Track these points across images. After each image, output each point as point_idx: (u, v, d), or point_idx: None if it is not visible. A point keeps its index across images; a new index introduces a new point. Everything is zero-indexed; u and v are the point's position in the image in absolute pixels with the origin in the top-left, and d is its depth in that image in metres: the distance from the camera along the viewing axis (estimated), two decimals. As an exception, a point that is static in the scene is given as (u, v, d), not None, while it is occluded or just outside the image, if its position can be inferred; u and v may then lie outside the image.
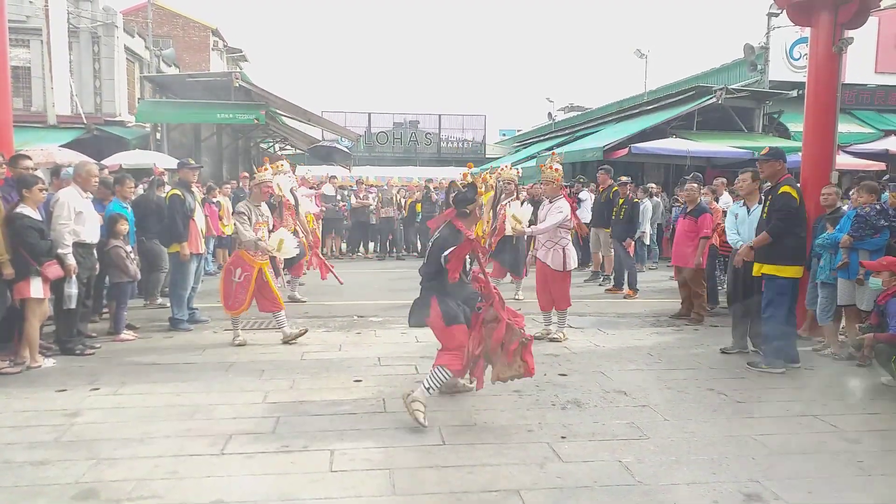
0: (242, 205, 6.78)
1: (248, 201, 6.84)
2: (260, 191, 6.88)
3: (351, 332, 7.26)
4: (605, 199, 10.66)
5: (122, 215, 7.06)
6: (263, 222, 6.78)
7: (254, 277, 6.52)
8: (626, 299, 9.64)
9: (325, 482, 3.59)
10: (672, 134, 17.62)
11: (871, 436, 4.35)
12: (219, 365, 5.90)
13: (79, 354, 6.14)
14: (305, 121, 21.96)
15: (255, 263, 6.55)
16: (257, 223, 6.67)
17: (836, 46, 7.33)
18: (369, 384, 5.35)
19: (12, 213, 5.65)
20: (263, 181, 6.88)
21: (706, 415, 4.71)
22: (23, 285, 5.64)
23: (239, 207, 6.80)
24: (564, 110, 37.52)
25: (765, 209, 5.96)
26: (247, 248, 6.52)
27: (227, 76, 18.83)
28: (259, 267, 6.57)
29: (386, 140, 33.09)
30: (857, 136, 17.55)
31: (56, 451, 3.96)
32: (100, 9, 18.97)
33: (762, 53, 18.67)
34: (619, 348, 6.63)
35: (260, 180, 6.89)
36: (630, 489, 3.53)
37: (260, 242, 6.50)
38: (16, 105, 14.00)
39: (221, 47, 32.97)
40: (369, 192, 16.03)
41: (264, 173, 6.97)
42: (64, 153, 13.66)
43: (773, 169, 6.01)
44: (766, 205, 5.96)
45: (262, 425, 4.40)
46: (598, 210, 11.01)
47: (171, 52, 24.66)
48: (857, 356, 5.97)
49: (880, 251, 6.10)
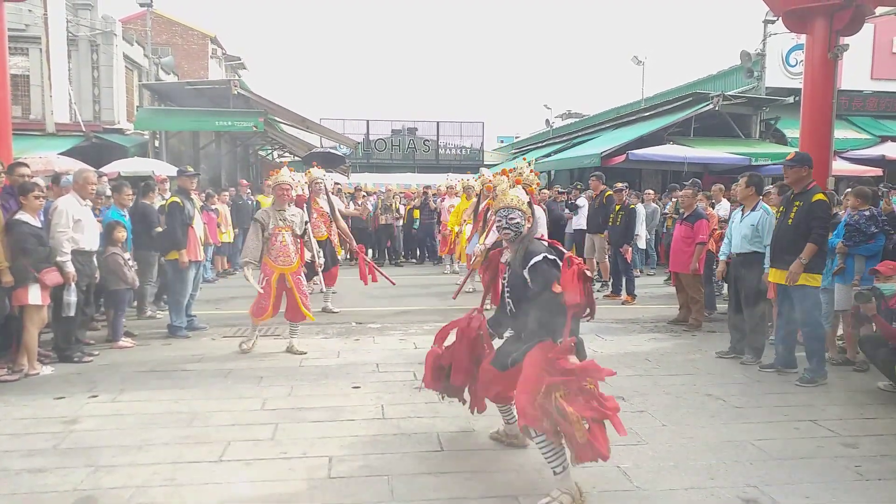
0: (261, 212, 6.62)
1: (270, 207, 6.65)
2: (283, 193, 6.61)
3: (349, 338, 7.26)
4: (599, 205, 10.68)
5: (119, 222, 7.08)
6: (286, 227, 6.53)
7: (273, 282, 6.38)
8: (623, 305, 9.66)
9: (323, 488, 3.58)
10: (669, 140, 17.70)
11: (869, 441, 4.35)
12: (217, 372, 5.90)
13: (77, 362, 6.14)
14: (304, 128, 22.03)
15: (276, 269, 6.42)
16: (276, 227, 6.46)
17: (831, 53, 7.39)
18: (368, 391, 5.35)
19: (11, 219, 5.66)
20: (279, 183, 6.63)
21: (704, 420, 4.72)
22: (21, 292, 5.64)
23: (256, 215, 6.65)
24: (562, 117, 37.63)
25: (791, 216, 5.71)
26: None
27: (226, 84, 18.92)
28: (280, 273, 6.42)
29: (384, 147, 33.13)
30: (853, 142, 17.66)
31: (54, 458, 3.95)
32: (99, 17, 19.05)
33: (759, 60, 18.78)
34: (617, 354, 6.63)
35: (275, 183, 6.68)
36: (628, 494, 3.54)
37: (248, 264, 6.34)
38: (15, 113, 14.03)
39: (220, 55, 33.06)
40: (368, 199, 16.07)
41: (280, 175, 6.74)
42: (63, 161, 13.68)
43: (798, 175, 5.76)
44: (793, 212, 5.70)
45: (260, 432, 4.40)
46: (592, 216, 11.01)
47: (170, 59, 24.70)
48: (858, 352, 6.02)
49: (877, 256, 6.13)
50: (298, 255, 6.65)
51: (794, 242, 5.61)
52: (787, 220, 5.75)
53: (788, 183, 5.95)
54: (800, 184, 5.77)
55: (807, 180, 5.76)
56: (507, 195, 3.86)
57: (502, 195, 3.90)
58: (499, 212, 3.83)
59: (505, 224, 3.78)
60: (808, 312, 5.68)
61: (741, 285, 6.44)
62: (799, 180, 5.77)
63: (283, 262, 6.48)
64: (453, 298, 4.09)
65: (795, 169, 5.76)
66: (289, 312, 6.62)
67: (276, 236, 6.48)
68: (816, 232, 5.53)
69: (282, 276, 6.46)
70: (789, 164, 5.83)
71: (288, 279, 6.47)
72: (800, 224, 5.60)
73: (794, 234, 5.62)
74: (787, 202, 5.86)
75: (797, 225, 5.62)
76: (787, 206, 5.81)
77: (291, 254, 6.54)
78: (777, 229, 5.90)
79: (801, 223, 5.59)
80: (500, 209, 3.82)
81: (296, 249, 6.61)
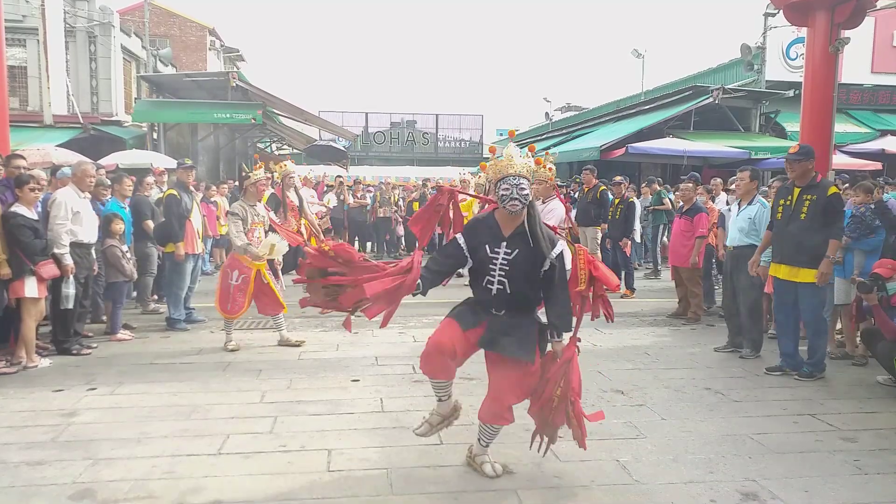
0: (237, 205, 6.55)
1: (242, 201, 6.60)
2: (256, 189, 6.63)
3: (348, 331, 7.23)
4: (592, 199, 10.64)
5: (116, 214, 7.05)
6: (259, 223, 6.57)
7: (252, 279, 6.37)
8: (623, 299, 9.65)
9: (322, 482, 3.58)
10: (669, 134, 17.67)
11: (868, 434, 4.36)
12: (216, 365, 5.89)
13: (75, 354, 6.13)
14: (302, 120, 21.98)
15: (253, 265, 6.39)
16: (253, 223, 6.48)
17: (832, 46, 7.36)
18: (367, 384, 5.35)
19: (7, 212, 5.64)
20: (258, 180, 6.64)
21: (703, 414, 4.72)
22: (17, 285, 5.62)
23: (232, 208, 6.57)
24: (561, 110, 37.54)
25: (804, 210, 5.45)
26: (236, 251, 6.41)
27: (224, 76, 18.84)
28: (257, 269, 6.42)
29: (383, 140, 33.11)
30: (853, 136, 17.62)
31: (53, 451, 3.95)
32: (96, 8, 18.94)
33: (759, 53, 18.73)
34: (616, 348, 6.63)
35: (255, 179, 6.66)
36: (627, 488, 3.54)
37: (250, 247, 6.30)
38: (12, 105, 13.96)
39: (218, 47, 32.89)
40: (367, 191, 16.04)
41: (259, 172, 6.73)
42: (60, 153, 13.64)
43: (803, 168, 5.53)
44: (805, 206, 5.45)
45: (259, 425, 4.39)
46: (583, 209, 10.96)
47: (168, 51, 24.63)
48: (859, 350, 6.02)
49: (877, 251, 6.12)
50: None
51: (811, 238, 5.38)
52: (798, 214, 5.47)
53: (794, 177, 5.66)
54: (804, 177, 5.56)
55: (811, 173, 5.55)
56: (515, 161, 3.43)
57: (508, 161, 3.43)
58: (506, 179, 3.38)
59: (514, 194, 3.34)
60: (816, 308, 5.54)
61: (737, 278, 6.38)
62: (803, 174, 5.55)
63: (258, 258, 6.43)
64: (443, 285, 3.72)
65: (801, 163, 5.52)
66: (268, 307, 6.55)
67: (252, 232, 6.44)
68: (837, 226, 5.39)
69: (258, 271, 6.42)
70: (795, 158, 5.56)
71: (264, 274, 6.45)
72: (815, 219, 5.37)
73: (811, 230, 5.38)
74: (796, 197, 5.55)
75: (812, 220, 5.38)
76: (798, 201, 5.52)
77: None
78: (784, 224, 5.61)
79: (818, 218, 5.36)
80: (507, 177, 3.38)
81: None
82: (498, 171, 3.44)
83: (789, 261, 5.55)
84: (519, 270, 3.43)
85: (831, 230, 5.36)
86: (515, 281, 3.44)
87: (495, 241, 3.48)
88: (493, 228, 3.52)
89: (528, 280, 3.46)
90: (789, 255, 5.55)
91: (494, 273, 3.45)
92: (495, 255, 3.45)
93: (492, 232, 3.51)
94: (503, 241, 3.47)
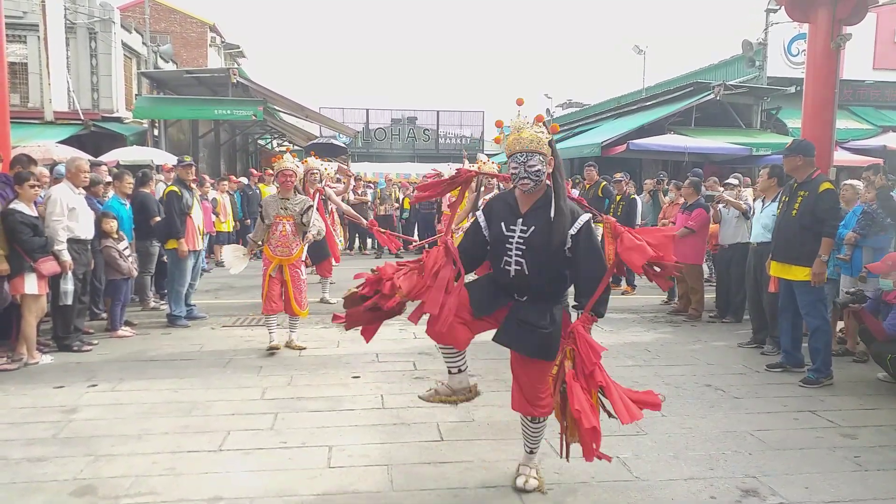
0: (267, 198, 6.49)
1: (274, 195, 6.47)
2: (286, 180, 6.36)
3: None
4: (594, 196, 10.62)
5: (108, 213, 6.95)
6: (287, 216, 6.29)
7: (270, 272, 6.23)
8: (623, 295, 9.65)
9: (323, 478, 3.59)
10: (670, 130, 17.64)
11: (868, 431, 4.36)
12: (217, 361, 5.90)
13: (76, 351, 6.14)
14: (303, 117, 21.98)
15: (273, 259, 6.27)
16: (277, 217, 6.27)
17: (834, 43, 7.34)
18: (367, 380, 5.35)
19: (6, 208, 5.64)
20: (282, 170, 6.40)
21: (704, 410, 4.72)
22: (17, 281, 5.63)
23: (262, 201, 6.62)
24: (562, 106, 37.54)
25: (795, 206, 5.37)
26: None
27: (225, 72, 18.83)
28: (277, 263, 6.25)
29: (384, 136, 33.06)
30: (854, 133, 17.61)
31: (54, 447, 3.95)
32: (97, 4, 18.89)
33: (760, 50, 18.69)
34: (616, 344, 6.63)
35: (279, 169, 6.45)
36: (628, 485, 3.54)
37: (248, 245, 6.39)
38: (13, 101, 13.93)
39: (219, 43, 32.88)
40: (367, 188, 16.02)
41: (282, 161, 6.50)
42: (61, 149, 13.62)
43: (793, 164, 5.44)
44: (797, 202, 5.36)
45: (260, 421, 4.40)
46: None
47: (169, 48, 24.57)
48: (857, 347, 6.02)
49: (885, 249, 6.04)
50: (300, 246, 6.40)
51: (799, 235, 5.31)
52: (790, 210, 5.41)
53: (786, 172, 5.66)
54: (796, 172, 5.48)
55: (806, 169, 5.40)
56: (522, 135, 3.11)
57: (516, 135, 3.12)
58: (514, 157, 3.11)
59: (523, 172, 3.09)
60: (813, 307, 5.42)
61: (761, 275, 6.28)
62: (794, 169, 5.47)
63: (282, 252, 6.25)
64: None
65: (791, 158, 5.45)
66: (284, 305, 6.47)
67: (276, 225, 6.27)
68: (830, 224, 5.22)
69: (280, 266, 6.28)
70: (786, 153, 5.55)
71: (285, 271, 6.27)
72: (804, 215, 5.28)
73: (799, 227, 5.31)
74: (791, 192, 5.54)
75: (801, 216, 5.30)
76: (791, 197, 5.48)
77: (291, 244, 6.29)
78: (779, 221, 5.59)
79: (806, 214, 5.27)
80: (515, 154, 3.11)
81: (296, 240, 6.35)
82: (507, 148, 3.17)
83: (782, 258, 5.49)
84: (536, 250, 3.14)
85: (823, 227, 5.22)
86: (534, 262, 3.15)
87: (512, 217, 3.24)
88: (511, 205, 3.28)
89: (549, 261, 3.16)
90: (782, 252, 5.49)
91: (511, 252, 3.19)
92: (511, 234, 3.20)
93: (510, 209, 3.27)
94: (519, 217, 3.22)
